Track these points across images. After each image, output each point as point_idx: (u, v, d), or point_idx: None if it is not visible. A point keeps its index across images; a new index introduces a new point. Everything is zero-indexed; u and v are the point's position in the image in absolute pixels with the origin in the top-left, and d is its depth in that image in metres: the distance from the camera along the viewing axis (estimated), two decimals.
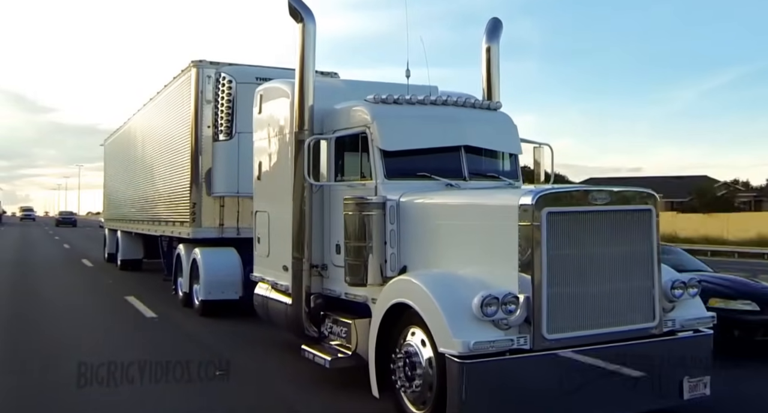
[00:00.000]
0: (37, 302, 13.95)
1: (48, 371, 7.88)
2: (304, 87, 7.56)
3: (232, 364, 7.64)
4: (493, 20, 8.84)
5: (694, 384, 6.00)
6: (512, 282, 5.49)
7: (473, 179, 7.21)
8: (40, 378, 7.63)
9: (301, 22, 7.57)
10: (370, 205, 6.63)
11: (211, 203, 12.05)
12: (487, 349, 5.20)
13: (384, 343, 6.16)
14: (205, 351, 8.89)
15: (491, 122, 7.75)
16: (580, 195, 5.82)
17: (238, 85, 11.58)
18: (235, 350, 8.98)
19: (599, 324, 5.68)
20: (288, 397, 7.08)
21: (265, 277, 8.82)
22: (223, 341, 9.78)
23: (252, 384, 7.37)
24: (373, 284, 6.60)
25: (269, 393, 7.17)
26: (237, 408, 6.66)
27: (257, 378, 7.74)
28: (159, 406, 6.72)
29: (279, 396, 7.12)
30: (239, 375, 7.52)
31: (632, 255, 5.89)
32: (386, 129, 7.00)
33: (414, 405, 5.82)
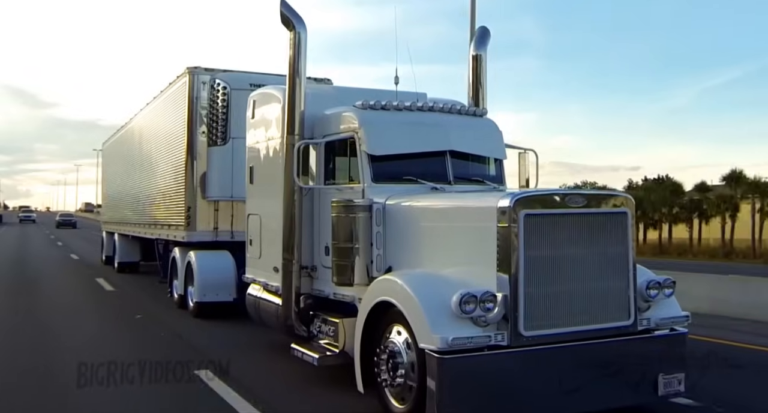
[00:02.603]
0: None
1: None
2: (294, 93, 7.80)
3: (221, 363, 7.82)
4: (481, 29, 9.12)
5: (668, 381, 6.21)
6: (491, 281, 5.71)
7: (458, 183, 7.43)
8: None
9: (292, 30, 7.81)
10: (356, 207, 6.85)
11: (205, 207, 12.27)
12: (465, 345, 5.41)
13: (369, 340, 6.37)
14: (194, 350, 9.06)
15: (476, 127, 7.99)
16: (557, 198, 6.05)
17: (233, 92, 11.82)
18: (225, 349, 9.15)
19: (575, 322, 5.90)
20: (275, 394, 7.27)
21: (256, 278, 9.03)
22: (213, 341, 10.00)
23: (241, 382, 7.54)
24: (360, 284, 6.82)
25: (257, 390, 7.35)
26: (223, 407, 6.82)
27: (247, 375, 7.91)
28: (142, 407, 6.86)
29: (266, 393, 7.29)
30: (228, 373, 7.68)
31: (608, 256, 6.11)
32: (373, 134, 7.23)
33: (396, 400, 6.04)
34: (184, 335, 10.60)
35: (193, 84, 12.17)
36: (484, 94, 8.81)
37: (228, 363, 7.80)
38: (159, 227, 14.89)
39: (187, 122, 12.33)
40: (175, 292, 13.40)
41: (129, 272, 19.66)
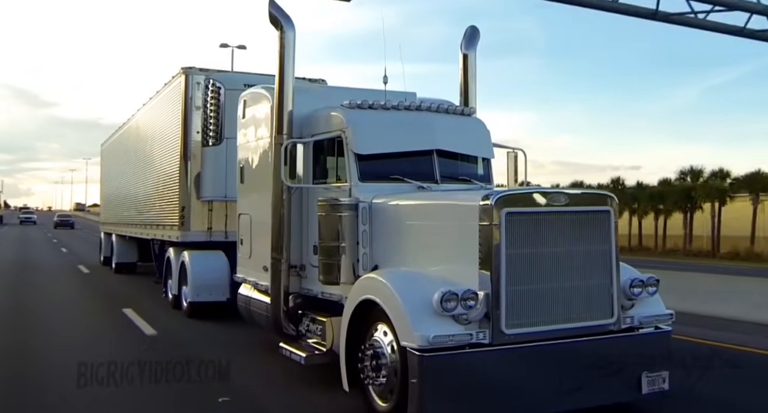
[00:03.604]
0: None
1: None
2: (283, 92, 7.82)
3: (210, 362, 7.81)
4: (470, 28, 9.13)
5: (652, 379, 6.23)
6: (474, 279, 5.73)
7: (445, 182, 7.45)
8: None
9: (280, 29, 7.84)
10: (342, 206, 6.88)
11: (199, 207, 12.30)
12: (446, 343, 5.43)
13: (355, 339, 6.39)
14: (186, 351, 9.09)
15: (464, 127, 8.00)
16: (540, 196, 6.07)
17: (227, 92, 11.82)
18: (216, 348, 9.18)
19: (558, 321, 5.92)
20: (262, 392, 7.30)
21: (247, 278, 9.06)
22: (205, 340, 10.01)
23: (230, 381, 7.56)
24: (346, 283, 6.83)
25: (245, 387, 7.37)
26: (214, 405, 6.85)
27: (235, 374, 7.92)
28: (134, 407, 6.88)
29: (253, 391, 7.32)
30: (219, 373, 7.69)
31: (591, 255, 6.13)
32: (360, 133, 7.26)
33: (380, 398, 6.05)
34: (173, 334, 10.63)
35: (187, 84, 12.21)
36: (474, 94, 8.83)
37: (216, 362, 7.80)
38: (154, 228, 14.94)
39: (181, 122, 12.38)
40: (170, 292, 13.43)
41: (126, 272, 19.70)
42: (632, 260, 8.28)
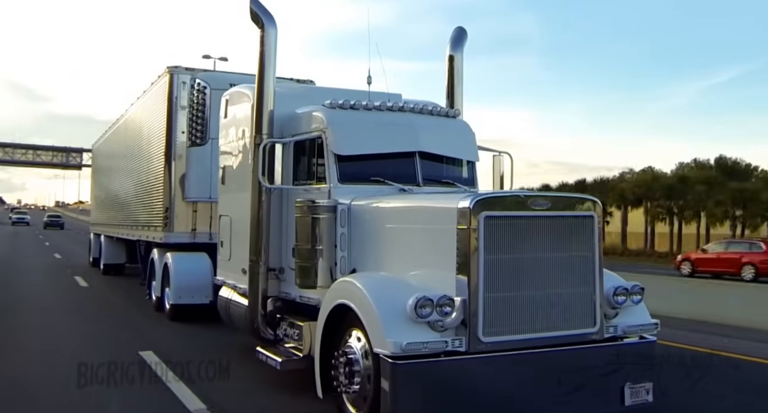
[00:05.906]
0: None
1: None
2: (263, 92, 7.64)
3: (185, 365, 7.63)
4: (457, 29, 8.97)
5: (635, 391, 6.03)
6: (451, 285, 5.54)
7: (428, 185, 7.27)
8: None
9: (261, 27, 7.67)
10: (320, 208, 6.69)
11: (184, 208, 12.11)
12: (420, 350, 5.24)
13: (330, 344, 6.19)
14: (159, 352, 8.90)
15: (448, 129, 7.83)
16: (520, 200, 5.89)
17: (213, 92, 11.61)
18: (192, 351, 8.97)
19: (537, 329, 5.72)
20: (234, 397, 7.09)
21: (227, 280, 8.87)
22: (181, 342, 9.79)
23: (202, 385, 7.36)
24: (324, 286, 6.63)
25: (216, 393, 7.17)
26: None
27: (209, 378, 7.72)
28: (104, 408, 6.72)
29: (226, 396, 7.12)
30: (190, 376, 7.51)
31: (573, 261, 5.94)
32: (340, 134, 7.08)
33: (353, 406, 5.86)
34: (152, 336, 10.42)
35: (172, 84, 12.04)
36: (460, 95, 8.67)
37: (190, 365, 7.62)
38: (139, 229, 14.75)
39: (166, 122, 12.21)
40: (153, 294, 13.24)
41: (114, 274, 19.48)
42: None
